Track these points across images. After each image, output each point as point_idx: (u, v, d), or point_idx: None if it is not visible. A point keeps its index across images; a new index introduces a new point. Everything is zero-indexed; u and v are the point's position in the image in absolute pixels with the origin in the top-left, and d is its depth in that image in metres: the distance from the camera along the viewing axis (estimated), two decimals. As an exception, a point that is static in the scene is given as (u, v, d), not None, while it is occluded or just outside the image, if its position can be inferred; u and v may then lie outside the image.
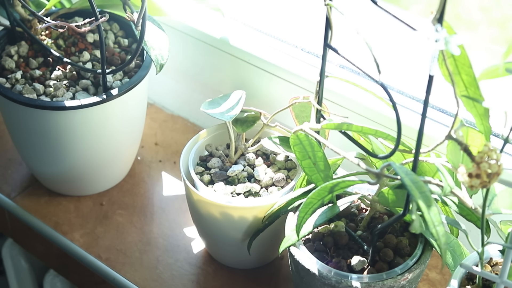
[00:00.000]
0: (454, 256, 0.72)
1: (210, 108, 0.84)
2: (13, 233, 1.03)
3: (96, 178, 0.97)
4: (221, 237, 0.84)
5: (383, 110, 0.86)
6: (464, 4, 1.89)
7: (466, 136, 0.66)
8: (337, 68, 0.93)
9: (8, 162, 1.05)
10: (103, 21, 0.82)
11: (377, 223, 0.75)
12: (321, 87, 0.73)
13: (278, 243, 0.74)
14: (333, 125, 0.69)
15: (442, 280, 0.88)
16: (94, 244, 0.93)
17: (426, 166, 0.71)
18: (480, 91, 0.60)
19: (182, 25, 1.01)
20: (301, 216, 0.68)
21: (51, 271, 1.09)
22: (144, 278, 0.89)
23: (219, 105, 0.84)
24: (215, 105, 0.84)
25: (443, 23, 0.51)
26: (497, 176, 0.54)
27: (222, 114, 0.82)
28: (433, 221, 0.56)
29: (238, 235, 0.83)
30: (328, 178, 0.72)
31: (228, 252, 0.87)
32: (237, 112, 0.83)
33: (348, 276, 0.69)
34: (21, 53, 0.93)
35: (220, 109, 0.83)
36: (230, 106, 0.84)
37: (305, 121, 0.82)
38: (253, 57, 0.96)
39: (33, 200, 0.99)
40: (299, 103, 0.82)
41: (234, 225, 0.81)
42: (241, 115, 0.86)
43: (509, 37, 1.82)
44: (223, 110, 0.83)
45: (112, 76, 0.91)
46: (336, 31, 0.68)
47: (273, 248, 0.86)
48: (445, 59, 0.55)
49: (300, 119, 0.83)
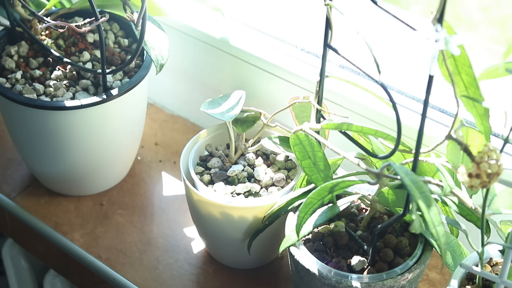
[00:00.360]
0: (454, 256, 0.72)
1: (210, 108, 0.84)
2: (13, 233, 1.03)
3: (96, 178, 0.97)
4: (221, 237, 0.84)
5: (383, 110, 0.86)
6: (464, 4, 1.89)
7: (466, 136, 0.66)
8: (337, 68, 0.93)
9: (8, 162, 1.05)
10: (103, 21, 0.82)
11: (377, 223, 0.75)
12: (321, 87, 0.73)
13: (278, 243, 0.74)
14: (333, 125, 0.69)
15: (442, 280, 0.88)
16: (94, 244, 0.93)
17: (426, 166, 0.71)
18: (480, 91, 0.60)
19: (182, 25, 1.01)
20: (301, 216, 0.68)
21: (51, 271, 1.09)
22: (144, 278, 0.89)
23: (219, 105, 0.84)
24: (215, 105, 0.84)
25: (443, 23, 0.51)
26: (497, 176, 0.54)
27: (222, 114, 0.82)
28: (433, 221, 0.56)
29: (238, 235, 0.83)
30: (328, 178, 0.72)
31: (228, 252, 0.87)
32: (237, 112, 0.83)
33: (348, 276, 0.69)
34: (21, 53, 0.93)
35: (220, 109, 0.83)
36: (230, 106, 0.84)
37: (305, 121, 0.82)
38: (253, 57, 0.96)
39: (33, 200, 0.99)
40: (299, 103, 0.82)
41: (234, 225, 0.81)
42: (241, 115, 0.86)
43: (509, 37, 1.82)
44: (223, 110, 0.83)
45: (112, 76, 0.91)
46: (336, 31, 0.68)
47: (273, 248, 0.86)
48: (445, 59, 0.55)
49: (300, 119, 0.83)
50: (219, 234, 0.84)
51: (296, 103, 0.81)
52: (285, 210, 0.77)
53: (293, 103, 0.81)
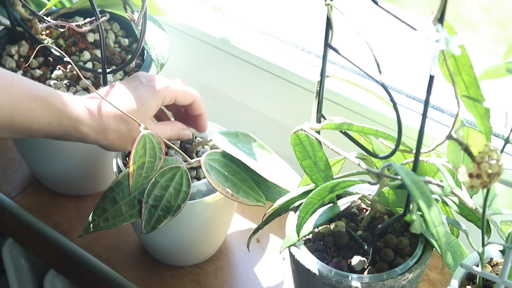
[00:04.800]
0: (454, 256, 0.72)
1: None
2: (13, 233, 1.03)
3: (96, 177, 0.97)
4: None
5: (383, 110, 0.86)
6: (464, 4, 1.89)
7: (466, 136, 0.66)
8: (338, 68, 0.92)
9: (8, 162, 1.05)
10: (103, 20, 0.82)
11: (377, 223, 0.75)
12: (322, 87, 0.73)
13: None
14: (334, 125, 0.69)
15: (442, 280, 0.88)
16: (94, 244, 0.93)
17: (426, 166, 0.71)
18: (480, 91, 0.60)
19: (182, 25, 1.01)
20: (302, 216, 0.68)
21: (51, 270, 1.09)
22: (144, 278, 0.89)
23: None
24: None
25: (443, 23, 0.51)
26: (497, 176, 0.54)
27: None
28: (433, 221, 0.56)
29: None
30: (329, 178, 0.72)
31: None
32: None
33: (349, 276, 0.69)
34: (22, 52, 0.93)
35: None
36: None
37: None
38: (253, 57, 0.96)
39: (33, 199, 0.99)
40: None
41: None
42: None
43: (509, 37, 1.82)
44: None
45: (113, 76, 0.91)
46: (336, 31, 0.68)
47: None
48: (445, 59, 0.55)
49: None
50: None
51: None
52: (285, 210, 0.77)
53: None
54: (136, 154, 0.74)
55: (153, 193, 0.76)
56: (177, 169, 0.77)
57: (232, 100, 1.04)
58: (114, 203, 0.77)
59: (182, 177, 0.77)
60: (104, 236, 0.94)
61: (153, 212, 0.76)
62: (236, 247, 0.92)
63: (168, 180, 0.76)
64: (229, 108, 1.05)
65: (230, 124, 1.00)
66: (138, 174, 0.76)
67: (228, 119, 1.05)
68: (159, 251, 0.89)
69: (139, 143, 0.74)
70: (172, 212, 0.76)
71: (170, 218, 0.76)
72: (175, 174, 0.77)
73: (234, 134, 0.80)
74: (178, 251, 0.87)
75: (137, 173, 0.75)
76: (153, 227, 0.76)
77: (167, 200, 0.76)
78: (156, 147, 0.75)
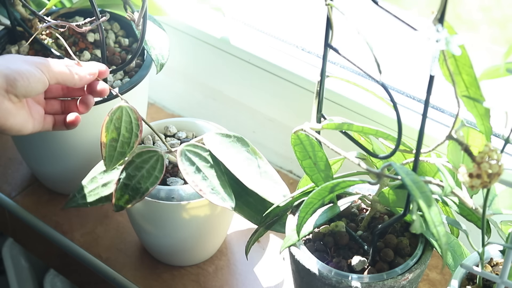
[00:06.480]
0: (454, 256, 0.72)
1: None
2: (13, 233, 1.03)
3: (96, 177, 0.97)
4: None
5: (383, 110, 0.86)
6: (464, 4, 1.89)
7: (466, 136, 0.66)
8: (338, 68, 0.92)
9: (8, 162, 1.05)
10: (103, 20, 0.82)
11: (377, 223, 0.75)
12: (322, 87, 0.73)
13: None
14: (334, 125, 0.69)
15: (442, 280, 0.88)
16: (94, 244, 0.93)
17: (426, 166, 0.71)
18: (480, 91, 0.60)
19: (182, 25, 1.01)
20: (302, 216, 0.68)
21: (51, 270, 1.09)
22: (144, 278, 0.89)
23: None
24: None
25: (444, 23, 0.51)
26: (497, 176, 0.54)
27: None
28: (433, 221, 0.56)
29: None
30: (329, 178, 0.72)
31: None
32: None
33: (349, 276, 0.69)
34: (22, 52, 0.93)
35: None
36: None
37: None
38: (253, 57, 0.96)
39: (33, 199, 0.99)
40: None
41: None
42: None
43: (509, 37, 1.82)
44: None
45: (113, 76, 0.91)
46: (337, 31, 0.68)
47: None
48: (446, 59, 0.55)
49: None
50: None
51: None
52: (285, 210, 0.77)
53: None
54: (109, 123, 0.76)
55: (127, 172, 0.77)
56: (155, 153, 0.78)
57: (232, 100, 1.04)
58: (94, 182, 0.81)
59: (157, 162, 0.78)
60: (104, 236, 0.94)
61: (125, 190, 0.77)
62: (236, 247, 0.92)
63: (143, 162, 0.77)
64: (229, 108, 1.05)
65: (230, 124, 1.00)
66: (112, 146, 0.77)
67: (228, 119, 1.05)
68: (159, 251, 0.89)
69: (114, 113, 0.76)
70: (140, 194, 0.76)
71: (138, 200, 0.76)
72: (152, 158, 0.78)
73: (227, 136, 0.79)
74: (178, 251, 0.87)
75: (110, 144, 0.76)
76: (122, 207, 0.77)
77: (138, 181, 0.77)
78: (133, 122, 0.77)
